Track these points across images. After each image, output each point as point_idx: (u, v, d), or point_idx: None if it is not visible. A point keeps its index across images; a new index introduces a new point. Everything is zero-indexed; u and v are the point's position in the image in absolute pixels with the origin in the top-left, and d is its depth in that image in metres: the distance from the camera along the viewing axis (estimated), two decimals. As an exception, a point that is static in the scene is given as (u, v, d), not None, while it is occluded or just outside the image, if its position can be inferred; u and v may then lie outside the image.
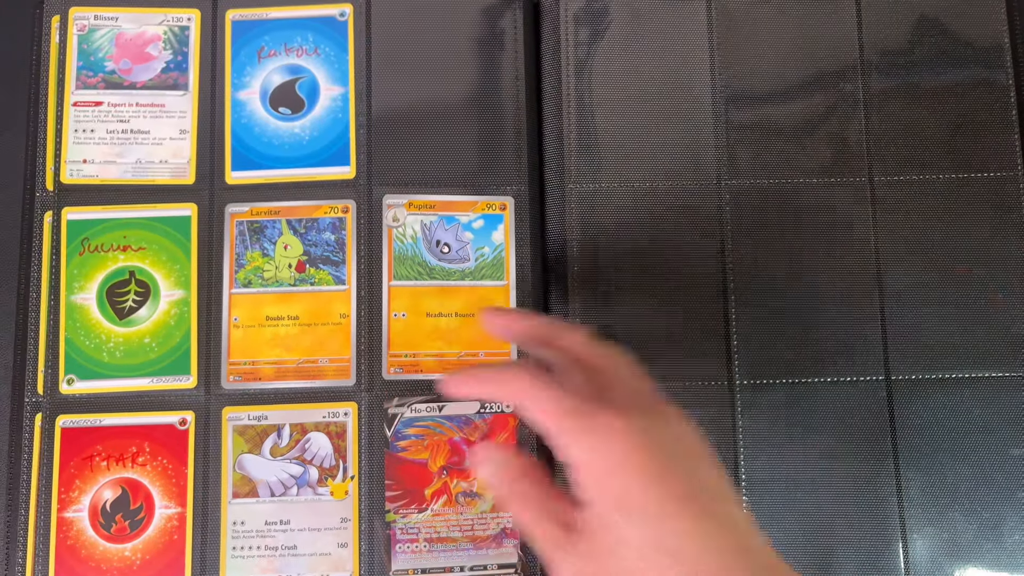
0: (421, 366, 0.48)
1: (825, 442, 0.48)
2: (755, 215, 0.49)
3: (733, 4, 0.50)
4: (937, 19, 0.50)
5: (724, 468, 0.35)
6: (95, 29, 0.48)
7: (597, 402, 0.35)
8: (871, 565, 0.47)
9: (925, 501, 0.47)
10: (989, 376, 0.48)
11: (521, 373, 0.36)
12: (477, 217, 0.49)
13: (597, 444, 0.34)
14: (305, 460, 0.47)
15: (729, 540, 0.33)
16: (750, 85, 0.50)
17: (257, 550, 0.47)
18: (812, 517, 0.47)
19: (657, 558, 0.32)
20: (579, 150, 0.50)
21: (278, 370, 0.48)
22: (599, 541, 0.33)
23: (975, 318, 0.48)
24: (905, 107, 0.49)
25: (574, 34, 0.50)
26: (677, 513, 0.32)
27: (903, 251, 0.49)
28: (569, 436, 0.34)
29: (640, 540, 0.32)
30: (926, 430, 0.48)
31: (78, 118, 0.48)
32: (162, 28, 0.49)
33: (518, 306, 0.48)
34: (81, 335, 0.47)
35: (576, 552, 0.33)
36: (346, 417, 0.48)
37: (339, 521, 0.47)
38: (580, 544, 0.33)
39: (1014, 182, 0.49)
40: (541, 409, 0.35)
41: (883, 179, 0.49)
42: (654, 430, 0.34)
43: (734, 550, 0.33)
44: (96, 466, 0.46)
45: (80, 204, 0.48)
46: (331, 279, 0.48)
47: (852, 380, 0.48)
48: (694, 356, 0.48)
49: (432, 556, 0.47)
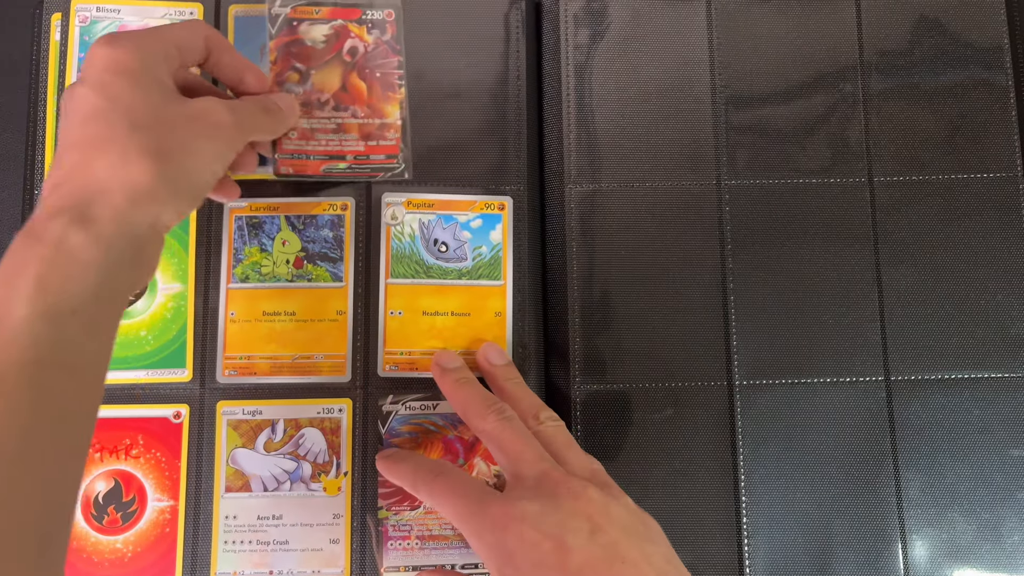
0: (416, 364, 0.48)
1: (825, 442, 0.47)
2: (755, 215, 0.49)
3: (733, 4, 0.50)
4: (937, 19, 0.50)
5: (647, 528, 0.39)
6: (97, 21, 0.49)
7: (490, 495, 0.39)
8: (870, 565, 0.46)
9: (924, 501, 0.47)
10: (989, 377, 0.47)
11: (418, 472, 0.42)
12: (475, 216, 0.49)
13: (491, 541, 0.37)
14: (299, 456, 0.47)
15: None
16: (750, 85, 0.50)
17: (249, 544, 0.46)
18: (811, 517, 0.47)
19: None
20: (579, 150, 0.50)
21: (273, 365, 0.47)
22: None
23: (975, 318, 0.48)
24: (905, 107, 0.49)
25: (574, 34, 0.50)
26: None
27: (903, 251, 0.48)
28: (469, 539, 0.39)
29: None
30: (925, 431, 0.47)
31: (79, 108, 0.48)
32: (164, 21, 0.49)
33: (515, 306, 0.48)
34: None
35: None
36: (340, 413, 0.47)
37: (331, 517, 0.47)
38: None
39: (1014, 182, 0.49)
40: (445, 512, 0.41)
41: (883, 179, 0.49)
42: (548, 513, 0.37)
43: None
44: (90, 457, 0.46)
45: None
46: (328, 276, 0.48)
47: (852, 380, 0.48)
48: (694, 356, 0.48)
49: (424, 553, 0.47)
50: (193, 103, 0.39)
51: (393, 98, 0.48)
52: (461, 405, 0.44)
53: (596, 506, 0.37)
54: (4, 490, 0.31)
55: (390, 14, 0.49)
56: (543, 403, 0.44)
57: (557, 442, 0.42)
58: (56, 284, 0.33)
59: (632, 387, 0.48)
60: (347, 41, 0.48)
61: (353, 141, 0.48)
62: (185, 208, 0.39)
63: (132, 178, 0.36)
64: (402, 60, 0.49)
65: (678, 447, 0.48)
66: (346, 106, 0.48)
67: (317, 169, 0.47)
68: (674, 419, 0.48)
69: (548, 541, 0.36)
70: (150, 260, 0.38)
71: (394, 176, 0.48)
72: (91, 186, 0.35)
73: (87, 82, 0.37)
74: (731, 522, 0.47)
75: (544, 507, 0.37)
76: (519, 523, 0.37)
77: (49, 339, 0.33)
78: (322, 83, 0.48)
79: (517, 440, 0.41)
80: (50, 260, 0.34)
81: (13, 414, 0.32)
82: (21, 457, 0.32)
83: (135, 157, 0.36)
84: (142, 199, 0.36)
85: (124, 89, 0.37)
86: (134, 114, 0.37)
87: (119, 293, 0.36)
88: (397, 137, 0.48)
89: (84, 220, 0.34)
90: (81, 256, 0.34)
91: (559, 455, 0.41)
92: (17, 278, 0.33)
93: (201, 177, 0.39)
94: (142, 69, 0.38)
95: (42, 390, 0.33)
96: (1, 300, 0.33)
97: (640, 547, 0.37)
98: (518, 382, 0.46)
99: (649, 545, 0.37)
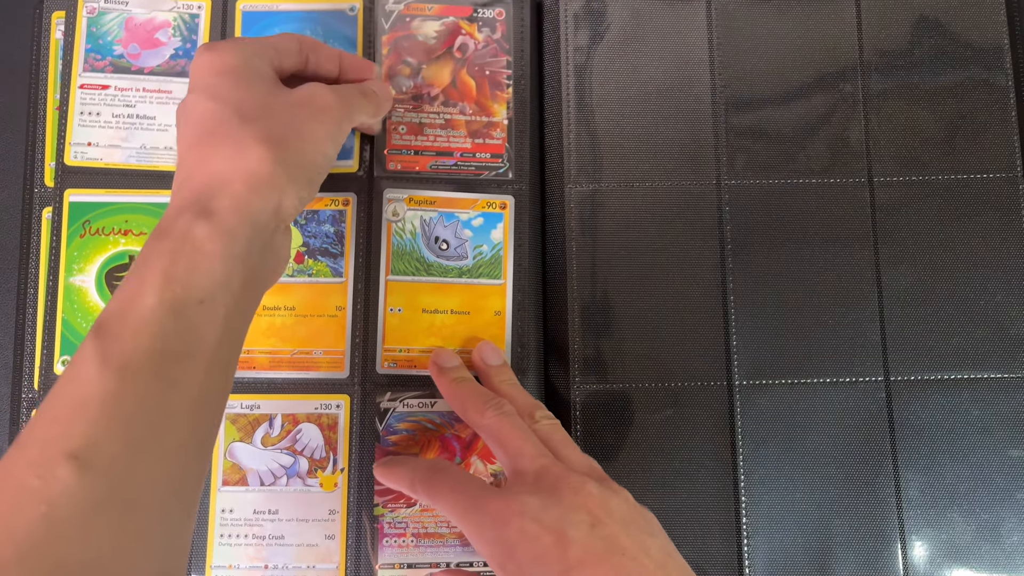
0: (415, 362, 0.48)
1: (824, 443, 0.47)
2: (755, 215, 0.49)
3: (733, 4, 0.51)
4: (937, 20, 0.50)
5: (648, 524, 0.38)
6: (105, 12, 0.49)
7: (489, 491, 0.39)
8: (870, 565, 0.46)
9: (924, 502, 0.46)
10: (988, 377, 0.47)
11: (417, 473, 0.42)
12: (477, 215, 0.49)
13: (491, 536, 0.37)
14: (296, 451, 0.47)
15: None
16: (750, 85, 0.50)
17: (245, 538, 0.46)
18: (811, 518, 0.46)
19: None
20: (579, 150, 0.50)
21: (272, 360, 0.47)
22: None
23: (975, 318, 0.48)
24: (905, 108, 0.49)
25: (574, 34, 0.51)
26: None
27: (902, 251, 0.48)
28: (469, 535, 0.39)
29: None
30: (925, 431, 0.47)
31: (84, 100, 0.49)
32: (172, 14, 0.50)
33: (515, 305, 0.48)
34: (79, 317, 0.47)
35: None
36: (338, 409, 0.47)
37: (327, 513, 0.46)
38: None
39: (1014, 183, 0.49)
40: (444, 510, 0.40)
41: (883, 179, 0.49)
42: (549, 507, 0.37)
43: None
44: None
45: (83, 187, 0.48)
46: (329, 271, 0.48)
47: (851, 381, 0.47)
48: (694, 356, 0.48)
49: (419, 551, 0.46)
50: (298, 90, 0.41)
51: (501, 97, 0.50)
52: (459, 402, 0.44)
53: (596, 500, 0.37)
54: (134, 480, 0.32)
55: (500, 13, 0.50)
56: (538, 402, 0.44)
57: (554, 440, 0.42)
58: (182, 275, 0.34)
59: (632, 387, 0.48)
60: (458, 38, 0.50)
61: (460, 138, 0.49)
62: (305, 193, 0.40)
63: (249, 167, 0.37)
64: (511, 60, 0.50)
65: (678, 447, 0.47)
66: (455, 102, 0.49)
67: (424, 165, 0.49)
68: (674, 419, 0.48)
69: (549, 535, 0.36)
70: (280, 250, 0.40)
71: (498, 176, 0.49)
72: (211, 181, 0.37)
73: (195, 89, 0.39)
74: (731, 522, 0.46)
75: (544, 501, 0.37)
76: (519, 518, 0.36)
77: (176, 329, 0.34)
78: (432, 78, 0.50)
79: (516, 435, 0.41)
80: (175, 252, 0.35)
81: (141, 403, 0.32)
82: (149, 447, 0.32)
83: (249, 146, 0.37)
84: (261, 186, 0.37)
85: (229, 86, 0.39)
86: (243, 107, 0.38)
87: (249, 284, 0.37)
88: (503, 136, 0.49)
89: (206, 212, 0.36)
90: (205, 247, 0.35)
91: (556, 452, 0.41)
92: (146, 271, 0.34)
93: (315, 160, 0.40)
94: (244, 65, 0.40)
95: (169, 380, 0.33)
96: (132, 293, 0.34)
97: (640, 540, 0.36)
98: (512, 383, 0.46)
99: (648, 538, 0.37)
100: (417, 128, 0.49)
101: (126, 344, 0.33)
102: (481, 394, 0.43)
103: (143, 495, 0.32)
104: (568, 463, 0.40)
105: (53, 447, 0.31)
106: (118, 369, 0.32)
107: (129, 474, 0.32)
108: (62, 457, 0.30)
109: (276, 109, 0.39)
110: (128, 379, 0.32)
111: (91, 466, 0.31)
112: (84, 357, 0.33)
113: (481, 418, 0.42)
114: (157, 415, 0.33)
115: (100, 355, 0.32)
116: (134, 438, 0.32)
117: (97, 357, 0.32)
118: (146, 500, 0.32)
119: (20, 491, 0.30)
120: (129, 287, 0.34)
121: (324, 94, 0.41)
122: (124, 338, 0.33)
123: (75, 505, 0.30)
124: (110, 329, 0.33)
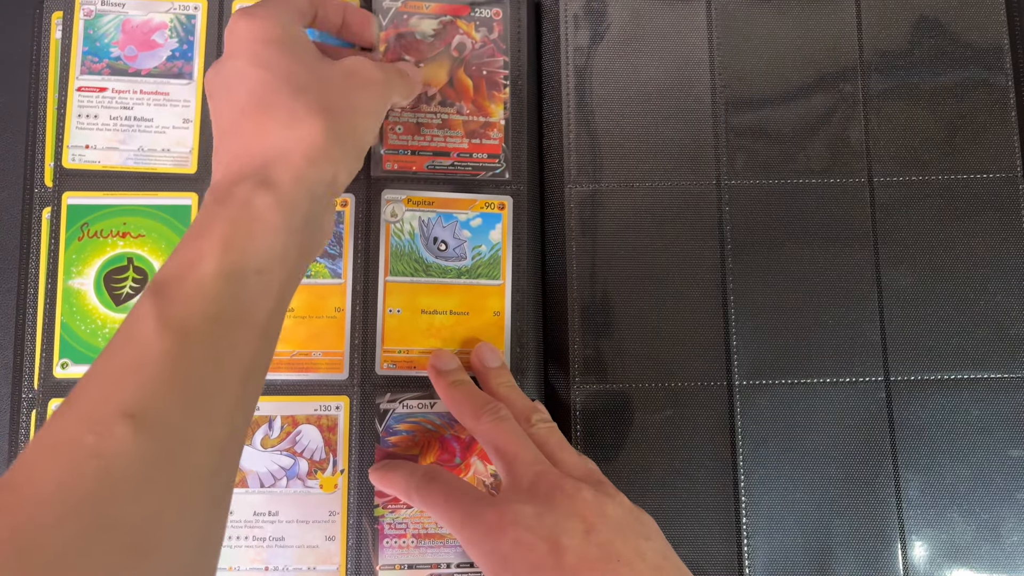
0: (415, 362, 0.48)
1: (824, 443, 0.47)
2: (755, 215, 0.49)
3: (733, 4, 0.50)
4: (937, 20, 0.50)
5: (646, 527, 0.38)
6: (102, 15, 0.49)
7: (484, 501, 0.39)
8: (870, 565, 0.46)
9: (924, 502, 0.46)
10: (988, 377, 0.47)
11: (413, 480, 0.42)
12: (475, 215, 0.49)
13: (487, 548, 0.37)
14: (295, 452, 0.47)
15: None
16: (750, 85, 0.50)
17: (245, 540, 0.46)
18: (811, 518, 0.46)
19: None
20: (579, 150, 0.50)
21: (272, 361, 0.47)
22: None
23: (974, 319, 0.48)
24: (905, 108, 0.49)
25: (574, 34, 0.51)
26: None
27: (902, 251, 0.48)
28: (465, 546, 0.39)
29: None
30: (925, 431, 0.47)
31: (82, 103, 0.48)
32: (169, 16, 0.49)
33: (514, 306, 0.48)
34: (77, 320, 0.47)
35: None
36: (338, 411, 0.47)
37: (327, 514, 0.46)
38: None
39: (1014, 183, 0.49)
40: (440, 520, 0.40)
41: (883, 179, 0.49)
42: (543, 515, 0.37)
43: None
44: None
45: (81, 189, 0.48)
46: (327, 272, 0.48)
47: (851, 381, 0.47)
48: (694, 356, 0.48)
49: (419, 552, 0.46)
50: (344, 62, 0.41)
51: (498, 97, 0.50)
52: (456, 406, 0.44)
53: (590, 506, 0.37)
54: (187, 444, 0.32)
55: (498, 13, 0.50)
56: (535, 405, 0.44)
57: (550, 443, 0.42)
58: (241, 243, 0.34)
59: (632, 387, 0.48)
60: (455, 36, 0.50)
61: (457, 138, 0.49)
62: (353, 166, 0.40)
63: (306, 138, 0.37)
64: (507, 60, 0.49)
65: (678, 447, 0.47)
66: (452, 102, 0.49)
67: (421, 166, 0.49)
68: (674, 419, 0.48)
69: (543, 543, 0.36)
70: (327, 224, 0.40)
71: (495, 176, 0.49)
72: (269, 152, 0.37)
73: (239, 55, 0.39)
74: (731, 522, 0.47)
75: (538, 509, 0.37)
76: (514, 527, 0.36)
77: (232, 296, 0.34)
78: (430, 76, 0.49)
79: (512, 441, 0.41)
80: (236, 220, 0.35)
81: (197, 368, 0.32)
82: (202, 412, 0.32)
83: (304, 117, 0.37)
84: (319, 157, 0.37)
85: (276, 56, 0.38)
86: (294, 78, 0.38)
87: (301, 257, 0.38)
88: (500, 137, 0.49)
89: (267, 183, 0.36)
90: (267, 217, 0.35)
91: (553, 456, 0.41)
92: (204, 237, 0.34)
93: (365, 132, 0.41)
94: (286, 34, 0.39)
95: (224, 347, 0.33)
96: (190, 257, 0.34)
97: (635, 544, 0.36)
98: (510, 385, 0.45)
99: (644, 542, 0.37)
100: (414, 128, 0.49)
101: (185, 307, 0.33)
102: (478, 399, 0.43)
103: (194, 459, 0.32)
104: (564, 467, 0.40)
105: (109, 405, 0.31)
106: (177, 332, 0.32)
107: (183, 437, 0.31)
108: (119, 415, 0.30)
109: (326, 79, 0.39)
110: (186, 342, 0.32)
111: (148, 426, 0.30)
112: (141, 316, 0.32)
113: (477, 423, 0.42)
114: (211, 380, 0.33)
115: (159, 317, 0.32)
116: (189, 402, 0.32)
117: (156, 318, 0.32)
118: (197, 464, 0.32)
119: (74, 447, 0.30)
120: (188, 250, 0.34)
121: (370, 68, 0.41)
122: (183, 301, 0.33)
123: (130, 464, 0.30)
124: (169, 291, 0.33)
